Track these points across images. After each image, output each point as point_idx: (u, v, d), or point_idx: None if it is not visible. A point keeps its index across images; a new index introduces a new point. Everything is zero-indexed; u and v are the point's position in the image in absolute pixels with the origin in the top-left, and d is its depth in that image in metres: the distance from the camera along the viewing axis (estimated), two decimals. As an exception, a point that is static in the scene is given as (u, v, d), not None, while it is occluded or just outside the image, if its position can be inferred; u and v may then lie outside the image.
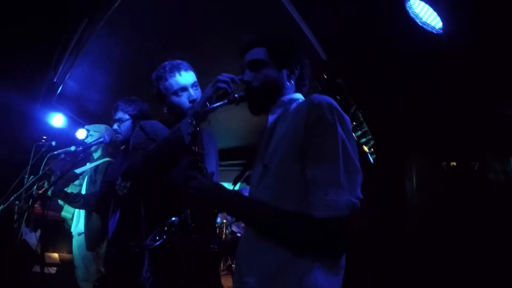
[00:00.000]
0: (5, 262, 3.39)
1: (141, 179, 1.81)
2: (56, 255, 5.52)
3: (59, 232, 4.94)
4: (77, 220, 3.42)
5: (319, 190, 1.09)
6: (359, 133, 3.77)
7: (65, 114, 4.44)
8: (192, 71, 1.97)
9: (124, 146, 2.65)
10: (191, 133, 1.46)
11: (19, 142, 4.38)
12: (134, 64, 3.46)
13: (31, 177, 3.13)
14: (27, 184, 3.14)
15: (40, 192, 2.82)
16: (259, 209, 1.22)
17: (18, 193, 3.04)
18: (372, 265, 4.45)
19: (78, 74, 3.56)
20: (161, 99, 1.96)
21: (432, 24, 2.31)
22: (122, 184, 2.43)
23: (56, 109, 4.22)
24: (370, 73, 2.94)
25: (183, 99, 1.89)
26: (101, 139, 2.61)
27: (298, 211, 1.13)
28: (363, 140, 3.93)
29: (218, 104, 1.49)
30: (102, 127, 3.49)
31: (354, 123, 3.54)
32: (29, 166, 3.73)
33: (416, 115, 3.59)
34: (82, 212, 3.32)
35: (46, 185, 2.80)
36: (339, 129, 1.15)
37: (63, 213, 3.73)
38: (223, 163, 6.25)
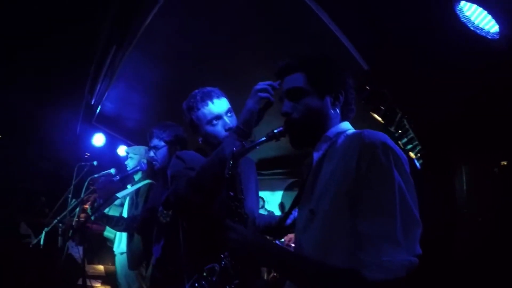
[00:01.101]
0: (51, 276, 3.46)
1: (185, 206, 1.74)
2: (101, 267, 5.72)
3: (104, 244, 5.13)
4: (119, 240, 3.50)
5: (373, 248, 0.95)
6: (404, 140, 3.54)
7: (105, 133, 4.57)
8: (224, 97, 1.87)
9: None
10: (228, 178, 1.35)
11: (63, 159, 4.57)
12: (167, 82, 3.47)
13: (73, 200, 3.22)
14: (70, 207, 3.23)
15: (82, 218, 2.85)
16: (304, 266, 1.09)
17: (62, 215, 3.12)
18: (422, 274, 4.20)
19: (114, 96, 3.61)
20: (195, 129, 1.88)
21: (486, 28, 2.08)
22: (165, 212, 2.41)
23: (97, 129, 4.35)
24: (416, 81, 2.72)
25: (218, 128, 1.79)
26: (138, 168, 2.60)
27: (348, 269, 0.99)
28: (409, 146, 3.69)
29: (256, 142, 1.37)
30: (141, 149, 3.50)
31: (400, 131, 3.31)
32: (71, 187, 3.86)
33: (466, 120, 3.31)
34: (124, 233, 3.35)
35: (89, 211, 2.84)
36: (396, 175, 1.00)
37: (106, 233, 3.82)
38: (264, 172, 6.37)
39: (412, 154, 3.93)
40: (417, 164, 4.14)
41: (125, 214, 3.39)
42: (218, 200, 1.57)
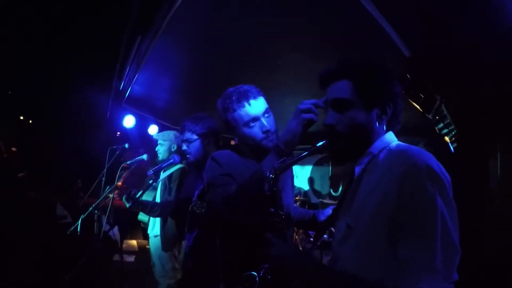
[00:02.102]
0: (89, 253, 3.61)
1: (220, 222, 1.75)
2: (134, 242, 5.97)
3: (135, 220, 5.35)
4: (153, 223, 3.60)
5: (411, 275, 0.96)
6: (441, 125, 3.40)
7: (134, 114, 4.63)
8: (261, 95, 1.78)
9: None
10: (270, 196, 1.33)
11: (95, 142, 4.70)
12: (193, 64, 3.44)
13: (107, 187, 3.31)
14: (104, 194, 3.33)
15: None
16: (341, 283, 1.10)
17: (96, 202, 3.22)
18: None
19: (143, 80, 3.60)
20: (230, 130, 1.83)
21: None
22: (198, 203, 2.43)
23: (126, 110, 4.40)
24: (457, 68, 2.56)
25: (256, 130, 1.72)
26: (171, 160, 2.60)
27: None
28: (445, 131, 3.55)
29: (298, 157, 1.33)
30: (171, 135, 3.53)
31: (437, 117, 3.17)
32: (105, 170, 3.96)
33: (503, 105, 3.13)
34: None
35: (124, 199, 2.90)
36: (439, 203, 0.98)
37: (140, 217, 3.93)
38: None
39: (447, 138, 3.80)
40: (451, 148, 4.01)
41: (158, 199, 3.45)
42: (257, 215, 1.55)
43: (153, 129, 5.24)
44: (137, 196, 2.75)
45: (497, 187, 3.95)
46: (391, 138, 1.23)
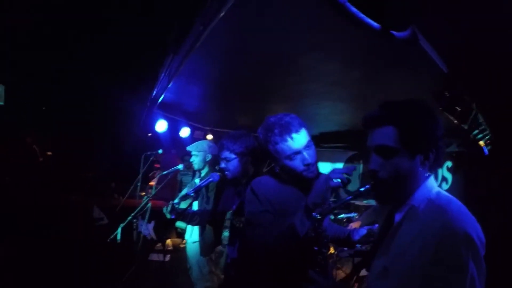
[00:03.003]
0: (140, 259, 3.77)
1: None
2: (169, 241, 6.17)
3: (168, 220, 5.51)
4: (191, 230, 3.76)
5: None
6: (476, 131, 3.34)
7: (166, 118, 4.77)
8: (303, 127, 1.80)
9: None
10: (314, 236, 1.39)
11: (130, 147, 4.88)
12: (222, 75, 3.53)
13: (145, 197, 3.43)
14: (143, 203, 3.47)
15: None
16: None
17: (135, 212, 3.36)
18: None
19: (175, 88, 3.70)
20: (272, 159, 1.89)
21: None
22: (237, 218, 2.52)
23: (159, 115, 4.55)
24: (493, 77, 2.51)
25: (297, 163, 1.76)
26: (210, 179, 2.68)
27: None
28: (480, 136, 3.49)
29: (342, 201, 1.39)
30: (204, 145, 3.62)
31: (473, 126, 3.12)
32: (140, 176, 4.11)
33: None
34: None
35: (165, 211, 3.02)
36: (471, 267, 1.04)
37: (178, 224, 4.10)
38: (325, 145, 6.73)
39: (481, 143, 3.73)
40: (486, 151, 3.93)
41: (195, 207, 3.59)
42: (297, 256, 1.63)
43: (185, 132, 5.41)
44: (177, 204, 2.88)
45: None
46: (431, 185, 1.24)
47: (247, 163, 2.48)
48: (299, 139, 1.74)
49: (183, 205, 3.61)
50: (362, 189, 1.32)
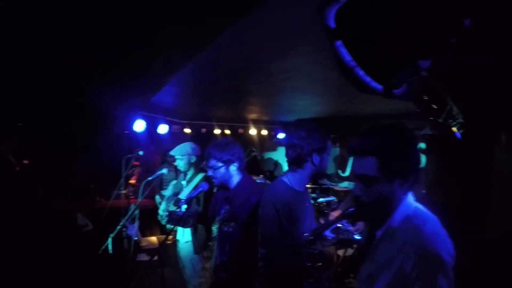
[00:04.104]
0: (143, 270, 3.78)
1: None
2: (154, 238, 6.16)
3: (152, 217, 5.49)
4: (182, 231, 3.81)
5: None
6: (450, 121, 3.49)
7: (144, 117, 4.69)
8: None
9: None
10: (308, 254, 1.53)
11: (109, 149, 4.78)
12: (197, 75, 3.47)
13: (132, 205, 3.41)
14: (130, 212, 3.47)
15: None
16: None
17: (123, 220, 3.35)
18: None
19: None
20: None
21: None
22: (226, 222, 2.59)
23: (137, 116, 4.48)
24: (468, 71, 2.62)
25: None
26: (200, 189, 2.70)
27: None
28: (453, 123, 3.65)
29: (330, 222, 1.56)
30: (187, 148, 3.64)
31: (448, 118, 3.25)
32: (122, 179, 4.06)
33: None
34: None
35: (159, 218, 3.03)
36: (442, 282, 1.19)
37: (168, 225, 4.13)
38: None
39: (454, 129, 3.90)
40: (458, 135, 4.12)
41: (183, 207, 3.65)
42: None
43: (163, 128, 5.38)
44: (175, 213, 2.93)
45: (500, 173, 4.10)
46: (409, 203, 1.37)
47: (234, 170, 2.52)
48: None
49: (172, 207, 3.66)
50: (347, 211, 1.55)
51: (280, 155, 9.14)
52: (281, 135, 7.53)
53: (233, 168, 2.52)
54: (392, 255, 1.29)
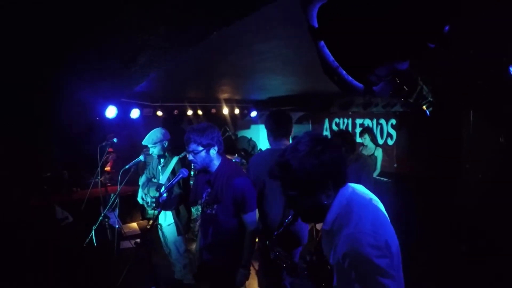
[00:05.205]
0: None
1: None
2: (134, 224, 6.17)
3: (131, 203, 5.43)
4: (164, 214, 3.85)
5: None
6: (420, 100, 3.63)
7: (115, 103, 4.56)
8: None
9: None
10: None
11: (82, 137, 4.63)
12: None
13: (112, 194, 3.37)
14: (108, 205, 3.44)
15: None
16: None
17: (104, 211, 3.32)
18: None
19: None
20: None
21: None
22: (209, 206, 2.65)
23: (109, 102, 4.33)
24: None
25: None
26: (180, 175, 2.67)
27: None
28: (423, 102, 3.80)
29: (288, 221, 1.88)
30: (158, 135, 3.66)
31: (418, 98, 3.38)
32: (99, 169, 3.98)
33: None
34: None
35: (148, 208, 3.02)
36: (376, 276, 1.26)
37: (150, 211, 4.16)
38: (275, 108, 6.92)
39: (424, 107, 4.06)
40: (427, 113, 4.29)
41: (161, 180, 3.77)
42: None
43: (135, 113, 5.30)
44: (160, 198, 2.95)
45: (467, 153, 4.31)
46: (340, 202, 1.41)
47: (214, 154, 2.55)
48: None
49: (152, 192, 3.68)
50: (286, 220, 1.84)
51: (253, 133, 9.18)
52: (254, 113, 7.55)
53: (213, 151, 2.53)
54: (332, 253, 1.40)
